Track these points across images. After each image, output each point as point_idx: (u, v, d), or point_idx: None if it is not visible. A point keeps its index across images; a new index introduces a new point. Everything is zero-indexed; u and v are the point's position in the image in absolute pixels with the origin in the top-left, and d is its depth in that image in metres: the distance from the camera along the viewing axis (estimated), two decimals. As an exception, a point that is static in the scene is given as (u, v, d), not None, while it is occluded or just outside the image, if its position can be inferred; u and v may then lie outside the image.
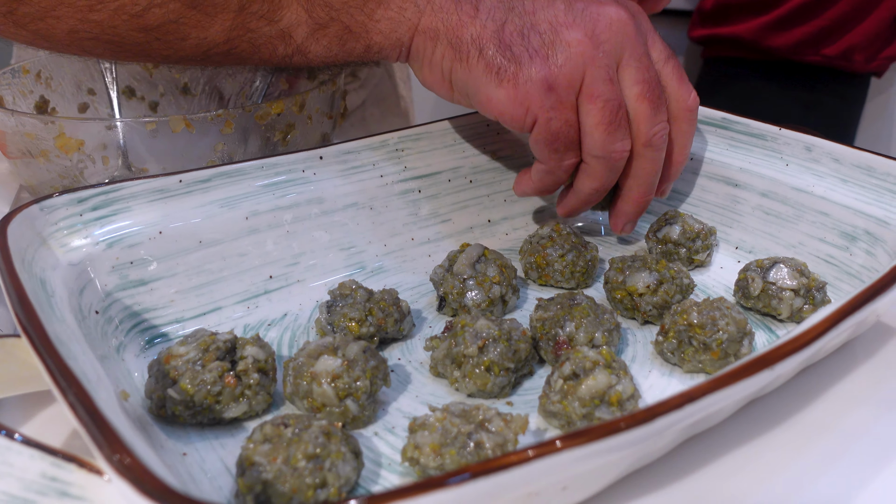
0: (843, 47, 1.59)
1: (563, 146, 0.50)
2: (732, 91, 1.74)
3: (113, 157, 0.53)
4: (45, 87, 0.62)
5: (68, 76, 0.65)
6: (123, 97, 0.68)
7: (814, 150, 0.54)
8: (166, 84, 0.70)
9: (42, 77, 0.62)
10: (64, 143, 0.49)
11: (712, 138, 0.60)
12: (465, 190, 0.59)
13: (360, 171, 0.54)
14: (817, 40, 1.60)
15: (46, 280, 0.40)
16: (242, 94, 0.74)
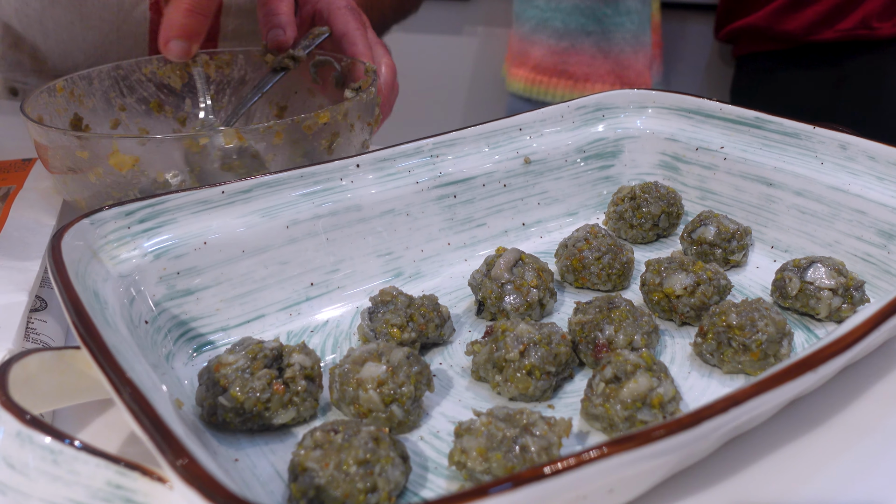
0: (860, 17, 1.56)
1: None
2: (766, 83, 1.73)
3: (172, 178, 0.54)
4: (77, 104, 0.63)
5: (99, 93, 0.66)
6: (152, 111, 0.70)
7: (849, 148, 0.54)
8: (194, 97, 0.71)
9: (75, 95, 0.64)
10: (118, 161, 0.51)
11: (745, 138, 0.60)
12: (499, 194, 0.59)
13: (396, 178, 0.55)
14: (830, 17, 1.58)
15: (99, 292, 0.41)
16: (269, 106, 0.75)
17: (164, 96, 0.71)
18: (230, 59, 0.73)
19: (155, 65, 0.70)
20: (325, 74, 0.70)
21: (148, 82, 0.70)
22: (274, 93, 0.73)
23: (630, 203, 0.59)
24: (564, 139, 0.63)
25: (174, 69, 0.70)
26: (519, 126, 0.61)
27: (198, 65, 0.71)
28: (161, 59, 0.70)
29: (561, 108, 0.63)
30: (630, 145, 0.65)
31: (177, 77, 0.70)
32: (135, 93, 0.69)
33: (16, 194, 0.60)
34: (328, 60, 0.69)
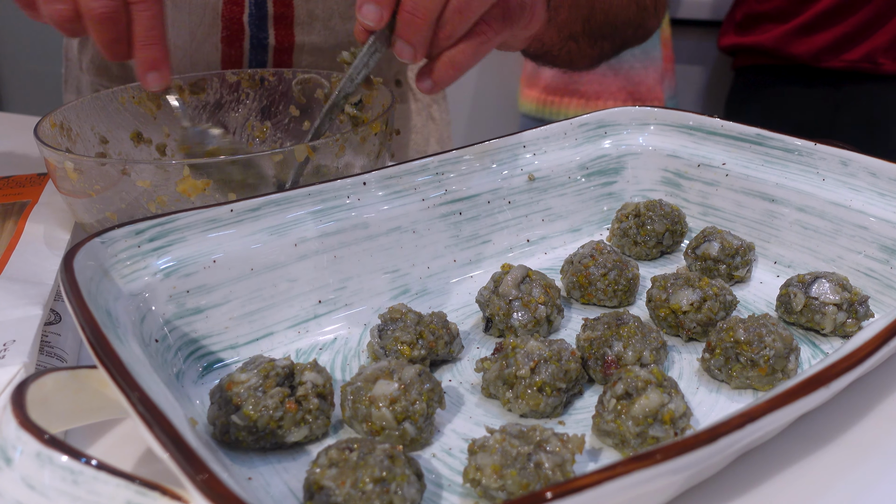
0: (866, 51, 1.59)
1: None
2: (763, 99, 1.75)
3: (239, 194, 0.54)
4: (66, 138, 0.63)
5: (86, 125, 0.66)
6: (132, 142, 0.70)
7: (850, 164, 0.55)
8: (170, 124, 0.71)
9: (64, 128, 0.63)
10: (188, 186, 0.50)
11: (747, 154, 0.60)
12: (504, 211, 0.60)
13: (403, 196, 0.56)
14: (838, 46, 1.61)
15: (111, 311, 0.41)
16: (248, 125, 0.75)
17: (142, 126, 0.70)
18: (204, 84, 0.73)
19: (130, 93, 0.69)
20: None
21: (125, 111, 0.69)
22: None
23: (634, 220, 0.59)
24: (568, 156, 0.63)
25: (150, 97, 0.70)
26: (523, 143, 0.62)
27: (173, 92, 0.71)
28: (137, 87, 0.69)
29: (564, 125, 0.64)
30: (632, 162, 0.65)
31: (153, 105, 0.70)
32: (114, 122, 0.68)
33: (31, 208, 0.60)
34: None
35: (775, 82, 1.71)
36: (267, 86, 0.74)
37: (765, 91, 1.74)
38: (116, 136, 0.68)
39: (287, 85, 0.73)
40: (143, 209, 0.53)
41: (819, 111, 1.68)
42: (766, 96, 1.73)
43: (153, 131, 0.70)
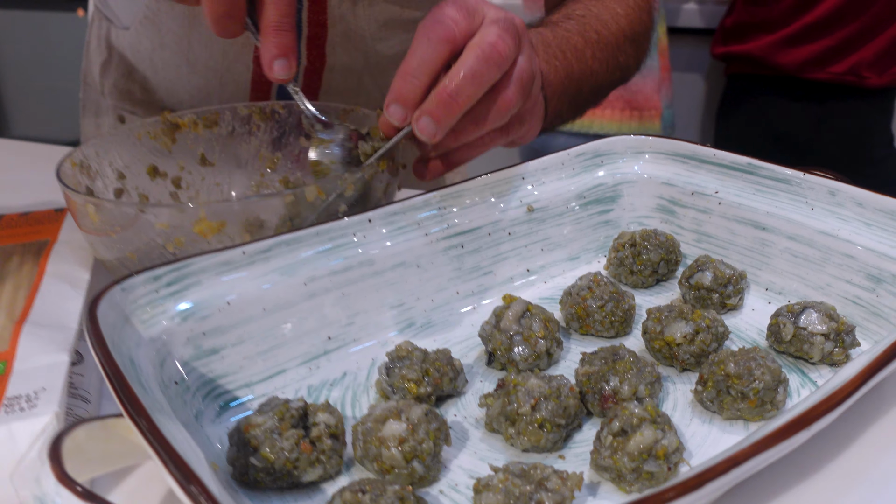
0: (850, 64, 1.62)
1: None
2: (752, 107, 1.77)
3: (252, 233, 0.56)
4: (86, 176, 0.65)
5: (104, 162, 0.68)
6: (148, 177, 0.72)
7: (838, 194, 0.57)
8: (185, 157, 0.74)
9: (83, 166, 0.65)
10: (204, 228, 0.53)
11: (739, 183, 0.62)
12: (504, 242, 0.62)
13: (407, 231, 0.58)
14: (823, 59, 1.63)
15: (133, 358, 0.44)
16: (259, 156, 0.78)
17: (158, 159, 0.72)
18: (216, 118, 0.75)
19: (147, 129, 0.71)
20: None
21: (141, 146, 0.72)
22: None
23: (631, 250, 0.61)
24: (565, 186, 0.65)
25: (166, 132, 0.72)
26: (522, 175, 0.64)
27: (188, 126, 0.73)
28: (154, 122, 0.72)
29: (561, 155, 0.66)
30: (628, 190, 0.68)
31: (168, 140, 0.72)
32: (131, 157, 0.71)
33: (51, 248, 0.62)
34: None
35: (763, 91, 1.74)
36: (277, 118, 0.76)
37: (753, 99, 1.76)
38: (133, 171, 0.70)
39: (297, 117, 0.75)
40: (160, 248, 0.55)
41: (804, 122, 1.70)
42: (755, 104, 1.76)
43: (169, 165, 0.73)
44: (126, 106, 1.04)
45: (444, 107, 0.53)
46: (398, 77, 0.55)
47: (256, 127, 0.76)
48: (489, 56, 0.53)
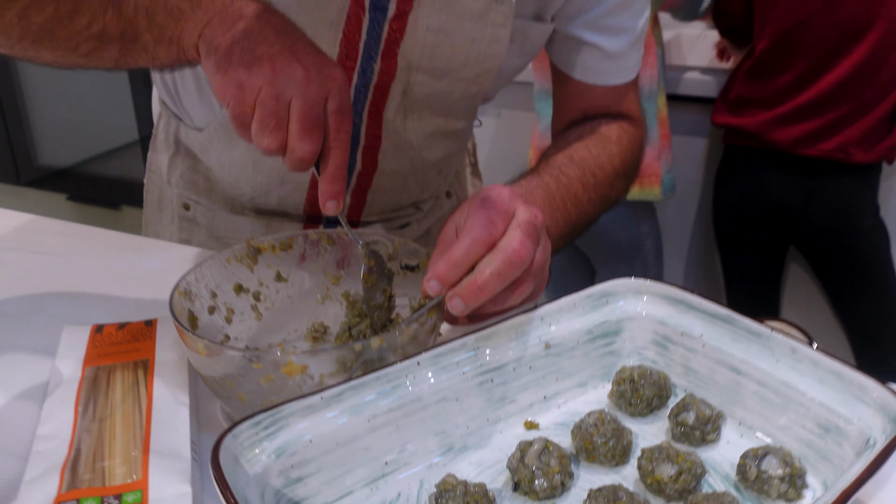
0: (839, 142, 1.75)
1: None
2: (747, 178, 1.91)
3: (329, 376, 0.69)
4: (187, 300, 0.79)
5: (201, 285, 0.81)
6: (234, 293, 0.85)
7: (797, 352, 0.70)
8: (264, 274, 0.87)
9: (186, 293, 0.79)
10: (291, 370, 0.66)
11: (720, 330, 0.76)
12: (525, 375, 0.75)
13: (448, 370, 0.71)
14: (815, 137, 1.77)
15: (247, 497, 0.57)
16: (325, 273, 0.91)
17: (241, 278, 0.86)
18: (290, 242, 0.89)
19: (234, 253, 0.85)
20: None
21: (229, 268, 0.85)
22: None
23: (629, 385, 0.75)
24: (577, 324, 0.79)
25: (250, 255, 0.86)
26: (541, 317, 0.77)
27: (267, 250, 0.87)
28: (241, 248, 0.85)
29: (574, 298, 0.79)
30: (629, 325, 0.81)
31: (251, 262, 0.86)
32: (221, 278, 0.84)
33: (153, 370, 0.76)
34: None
35: (759, 163, 1.88)
36: (341, 243, 0.89)
37: (749, 170, 1.90)
38: (223, 289, 0.84)
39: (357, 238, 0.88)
40: (255, 382, 0.69)
41: (797, 193, 1.84)
42: (751, 175, 1.89)
43: (251, 281, 0.87)
44: (190, 195, 1.17)
45: (472, 294, 0.67)
46: (443, 262, 0.69)
47: (324, 249, 0.90)
48: (513, 260, 0.67)
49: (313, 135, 0.71)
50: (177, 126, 1.15)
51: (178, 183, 1.17)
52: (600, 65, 0.96)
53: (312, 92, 0.71)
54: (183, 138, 1.15)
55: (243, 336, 0.87)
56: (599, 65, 0.96)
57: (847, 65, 1.69)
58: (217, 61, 0.72)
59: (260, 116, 0.71)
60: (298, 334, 0.90)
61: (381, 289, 0.85)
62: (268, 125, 0.70)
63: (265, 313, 0.89)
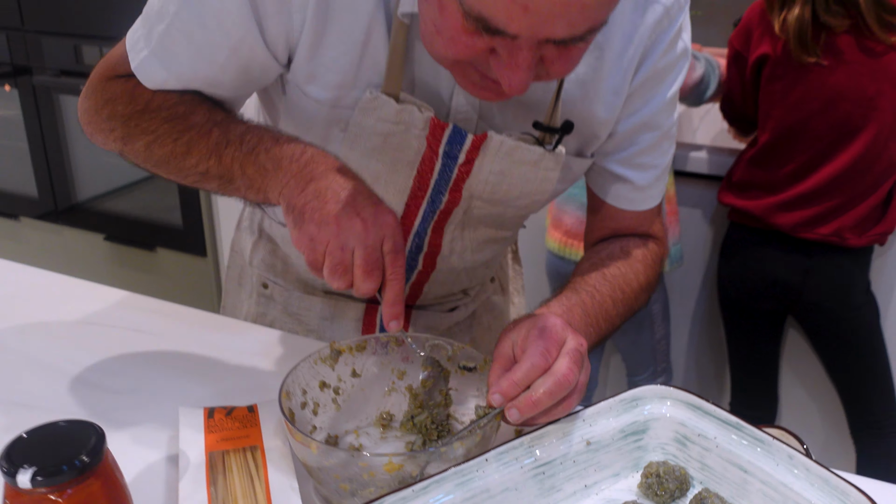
0: (835, 228, 1.93)
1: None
2: (749, 255, 2.08)
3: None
4: (287, 399, 0.95)
5: (296, 385, 0.98)
6: (319, 388, 1.02)
7: (794, 458, 0.87)
8: (342, 371, 1.04)
9: (286, 392, 0.95)
10: (390, 468, 0.82)
11: (730, 435, 0.92)
12: (570, 468, 0.91)
13: (509, 465, 0.87)
14: (813, 222, 1.95)
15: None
16: (391, 370, 1.06)
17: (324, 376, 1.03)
18: (364, 344, 1.05)
19: (319, 356, 1.02)
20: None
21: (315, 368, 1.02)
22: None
23: (656, 479, 0.91)
24: (612, 424, 0.95)
25: (332, 356, 1.03)
26: (583, 418, 0.94)
27: (346, 351, 1.04)
28: (325, 349, 1.02)
29: (610, 402, 0.96)
30: (655, 425, 0.97)
31: (333, 363, 1.03)
32: (309, 376, 1.01)
33: (265, 457, 0.92)
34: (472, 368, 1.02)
35: (760, 242, 2.06)
36: (405, 344, 1.06)
37: (752, 248, 2.08)
38: (310, 385, 1.01)
39: (421, 344, 1.05)
40: (357, 474, 0.85)
41: (795, 271, 2.02)
42: (753, 252, 2.07)
43: (331, 377, 1.03)
44: (269, 276, 1.35)
45: (527, 408, 0.85)
46: (506, 381, 0.86)
47: (391, 349, 1.07)
48: (562, 383, 0.84)
49: (373, 275, 0.88)
50: (261, 217, 1.33)
51: (259, 265, 1.35)
52: (630, 194, 1.14)
53: (370, 240, 0.88)
54: (266, 228, 1.33)
55: (325, 425, 1.03)
56: (629, 194, 1.14)
57: (843, 159, 1.88)
58: (294, 219, 0.90)
59: (329, 264, 0.88)
60: (369, 421, 1.07)
61: (438, 389, 1.02)
62: (336, 271, 0.88)
63: (342, 404, 1.06)
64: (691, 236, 2.40)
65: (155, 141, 1.01)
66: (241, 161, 0.95)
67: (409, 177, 1.06)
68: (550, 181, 1.05)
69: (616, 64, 1.00)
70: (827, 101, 1.87)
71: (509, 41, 0.75)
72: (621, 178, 1.12)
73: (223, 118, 0.99)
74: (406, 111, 0.98)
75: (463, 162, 1.03)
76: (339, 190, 0.90)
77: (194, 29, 0.96)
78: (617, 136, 1.08)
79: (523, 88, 0.78)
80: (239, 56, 0.97)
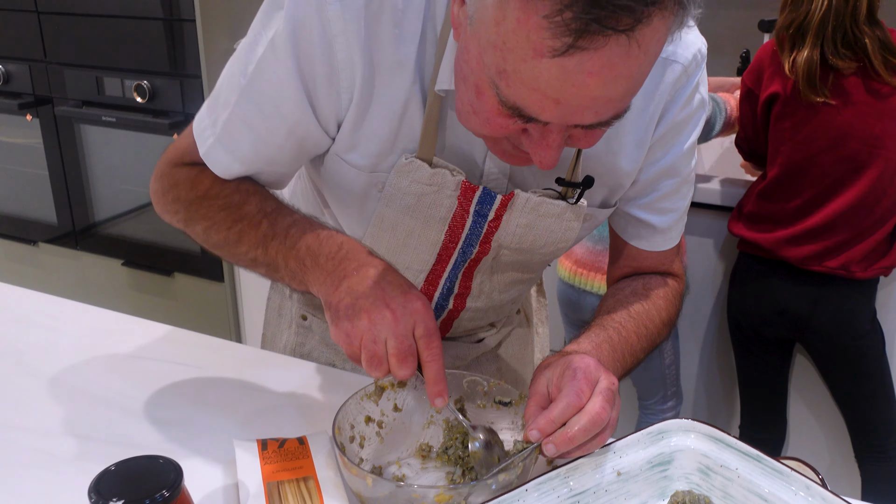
0: (842, 262, 2.01)
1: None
2: (758, 285, 2.16)
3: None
4: (338, 433, 1.02)
5: (345, 421, 1.05)
6: (364, 423, 1.09)
7: (810, 489, 0.94)
8: (385, 406, 1.11)
9: (337, 426, 1.02)
10: (440, 499, 0.89)
11: (751, 466, 0.99)
12: (602, 497, 0.99)
13: (547, 494, 0.95)
14: (821, 255, 2.02)
15: None
16: (430, 404, 1.14)
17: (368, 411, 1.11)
18: (406, 382, 1.12)
19: (365, 392, 1.09)
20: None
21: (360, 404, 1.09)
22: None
23: (682, 508, 0.98)
24: (641, 455, 1.02)
25: (376, 392, 1.10)
26: (613, 451, 1.01)
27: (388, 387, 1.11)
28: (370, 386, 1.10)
29: (638, 435, 1.03)
30: (679, 456, 1.04)
31: (377, 398, 1.10)
32: (355, 412, 1.09)
33: (319, 488, 0.99)
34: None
35: (769, 273, 2.13)
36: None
37: (762, 278, 2.15)
38: (357, 420, 1.08)
39: (458, 380, 1.13)
40: (409, 502, 0.92)
41: (803, 301, 2.09)
42: (762, 283, 2.15)
43: (374, 412, 1.11)
44: (308, 309, 1.43)
45: (563, 443, 0.92)
46: (543, 417, 0.93)
47: None
48: (595, 421, 0.91)
49: (407, 362, 0.95)
50: None
51: (299, 298, 1.43)
52: (651, 237, 1.21)
53: (401, 329, 0.94)
54: None
55: (370, 457, 1.10)
56: (651, 237, 1.21)
57: (850, 195, 1.96)
58: (331, 316, 0.96)
59: (366, 357, 0.95)
60: (409, 452, 1.14)
61: (492, 457, 1.09)
62: (372, 363, 0.95)
63: (385, 437, 1.13)
64: (701, 264, 2.48)
65: (212, 227, 1.10)
66: (285, 255, 1.03)
67: (440, 231, 1.13)
68: (574, 230, 1.13)
69: (638, 119, 1.08)
70: (834, 139, 1.95)
71: (541, 125, 0.83)
72: (643, 221, 1.20)
73: (273, 209, 1.07)
74: (439, 174, 1.06)
75: (492, 218, 1.10)
76: (370, 285, 0.94)
77: (254, 116, 1.04)
78: (639, 183, 1.16)
79: (553, 164, 0.87)
80: (295, 136, 1.06)
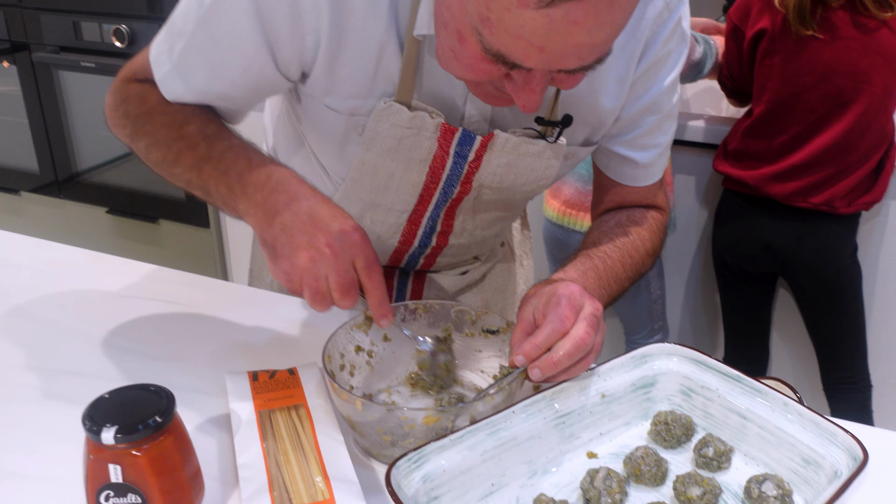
0: (826, 197, 2.03)
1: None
2: (743, 221, 2.18)
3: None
4: (328, 361, 1.04)
5: (335, 349, 1.07)
6: (354, 352, 1.11)
7: (788, 405, 0.97)
8: (374, 336, 1.14)
9: (327, 355, 1.04)
10: (428, 420, 0.91)
11: (731, 386, 1.02)
12: (587, 418, 1.01)
13: (534, 416, 0.97)
14: (805, 192, 2.04)
15: (411, 512, 0.83)
16: (421, 332, 1.15)
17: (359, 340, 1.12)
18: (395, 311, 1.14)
19: (355, 322, 1.11)
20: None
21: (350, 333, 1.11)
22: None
23: (664, 426, 1.01)
24: (624, 378, 1.05)
25: (366, 323, 1.12)
26: (598, 374, 1.03)
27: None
28: (360, 315, 1.11)
29: (623, 359, 1.05)
30: (662, 379, 1.07)
31: (366, 328, 1.12)
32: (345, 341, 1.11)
33: (310, 413, 1.01)
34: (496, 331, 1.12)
35: (754, 209, 2.15)
36: (433, 310, 1.15)
37: (746, 215, 2.17)
38: (347, 349, 1.10)
39: (447, 310, 1.15)
40: (398, 427, 0.94)
41: (787, 237, 2.11)
42: (747, 219, 2.17)
43: (364, 342, 1.13)
44: None
45: (548, 368, 0.94)
46: (529, 343, 0.95)
47: (420, 315, 1.16)
48: (579, 346, 0.94)
49: (349, 294, 0.96)
50: None
51: None
52: (634, 172, 1.22)
53: (341, 264, 0.94)
54: None
55: (360, 384, 1.12)
56: (634, 172, 1.22)
57: (835, 131, 1.96)
58: (268, 253, 0.96)
59: (308, 294, 0.96)
60: (399, 381, 1.16)
61: (438, 364, 1.12)
62: (315, 299, 0.96)
63: (375, 366, 1.15)
64: (686, 202, 2.49)
65: (153, 144, 1.10)
66: (216, 179, 1.02)
67: (421, 173, 1.14)
68: (553, 168, 1.14)
69: (619, 57, 1.07)
70: (821, 74, 1.95)
71: (525, 71, 0.83)
72: (626, 158, 1.20)
73: (214, 132, 1.06)
74: (418, 117, 1.06)
75: (472, 159, 1.11)
76: (304, 220, 0.93)
77: (210, 49, 1.03)
78: (621, 121, 1.16)
79: (536, 108, 0.87)
80: (251, 74, 1.05)
